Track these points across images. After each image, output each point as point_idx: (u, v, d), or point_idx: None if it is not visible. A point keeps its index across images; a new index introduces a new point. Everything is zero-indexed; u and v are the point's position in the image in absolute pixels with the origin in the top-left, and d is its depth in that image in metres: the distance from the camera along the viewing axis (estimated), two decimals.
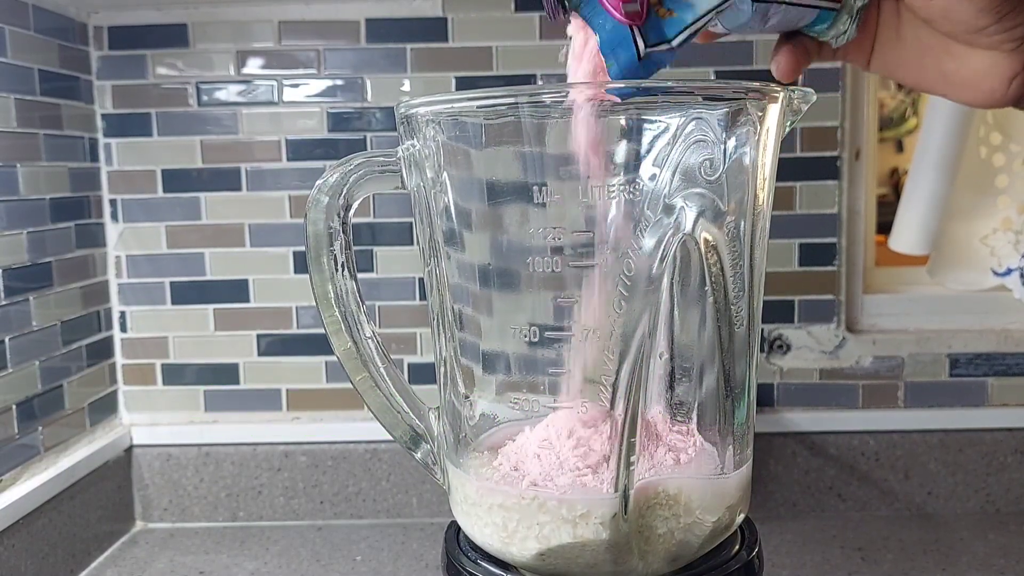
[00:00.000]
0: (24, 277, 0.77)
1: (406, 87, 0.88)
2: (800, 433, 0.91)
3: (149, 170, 0.89)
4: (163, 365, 0.92)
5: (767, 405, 0.91)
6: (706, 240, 0.40)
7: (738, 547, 0.46)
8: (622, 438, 0.40)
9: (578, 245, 0.40)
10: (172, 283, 0.91)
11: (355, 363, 0.46)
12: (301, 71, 0.88)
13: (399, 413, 0.47)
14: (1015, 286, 0.90)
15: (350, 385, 0.46)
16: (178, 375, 0.92)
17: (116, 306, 0.91)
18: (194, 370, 0.92)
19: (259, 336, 0.92)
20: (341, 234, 0.44)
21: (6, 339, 0.74)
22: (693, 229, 0.40)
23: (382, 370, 0.46)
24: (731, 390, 0.43)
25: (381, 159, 0.44)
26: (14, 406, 0.75)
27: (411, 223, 0.88)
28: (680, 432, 0.44)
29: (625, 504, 0.40)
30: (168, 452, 0.91)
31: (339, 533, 0.89)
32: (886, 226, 0.94)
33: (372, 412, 0.47)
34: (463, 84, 0.88)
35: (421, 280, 0.88)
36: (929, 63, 0.43)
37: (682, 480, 0.42)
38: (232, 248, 0.90)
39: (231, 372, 0.92)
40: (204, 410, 0.92)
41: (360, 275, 0.52)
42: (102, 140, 0.89)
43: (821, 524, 0.89)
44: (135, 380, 0.92)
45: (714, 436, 0.44)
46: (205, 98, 0.89)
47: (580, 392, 0.42)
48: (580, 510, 0.40)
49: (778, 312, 0.90)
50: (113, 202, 0.90)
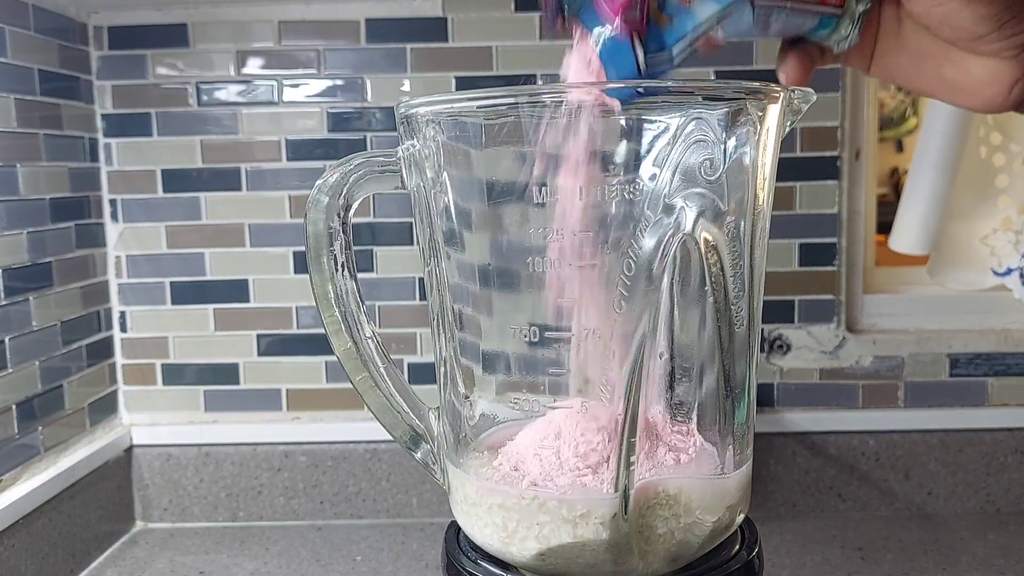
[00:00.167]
0: (24, 277, 0.77)
1: (406, 87, 0.88)
2: (800, 433, 0.91)
3: (149, 170, 0.89)
4: (163, 365, 0.92)
5: (767, 405, 0.91)
6: (706, 240, 0.40)
7: (738, 547, 0.46)
8: (622, 438, 0.40)
9: (578, 245, 0.40)
10: (172, 283, 0.91)
11: (355, 363, 0.46)
12: (301, 71, 0.88)
13: (399, 413, 0.47)
14: (1015, 286, 0.90)
15: (350, 385, 0.46)
16: (178, 375, 0.92)
17: (116, 306, 0.91)
18: (194, 370, 0.92)
19: (259, 336, 0.92)
20: (341, 234, 0.44)
21: (6, 339, 0.74)
22: (693, 229, 0.40)
23: (382, 370, 0.46)
24: (731, 390, 0.43)
25: (381, 159, 0.44)
26: (14, 406, 0.75)
27: (411, 223, 0.88)
28: (680, 432, 0.44)
29: (625, 504, 0.40)
30: (168, 452, 0.91)
31: (339, 533, 0.89)
32: (886, 226, 0.94)
33: (372, 412, 0.47)
34: (463, 84, 0.88)
35: (421, 280, 0.88)
36: (930, 69, 0.43)
37: (682, 480, 0.42)
38: (232, 248, 0.90)
39: (231, 372, 0.92)
40: (204, 410, 0.93)
41: (360, 275, 0.52)
42: (102, 140, 0.89)
43: (821, 524, 0.89)
44: (135, 380, 0.92)
45: (714, 436, 0.44)
46: (205, 98, 0.89)
47: (580, 392, 0.42)
48: (580, 510, 0.40)
49: (778, 312, 0.90)
50: (113, 202, 0.90)
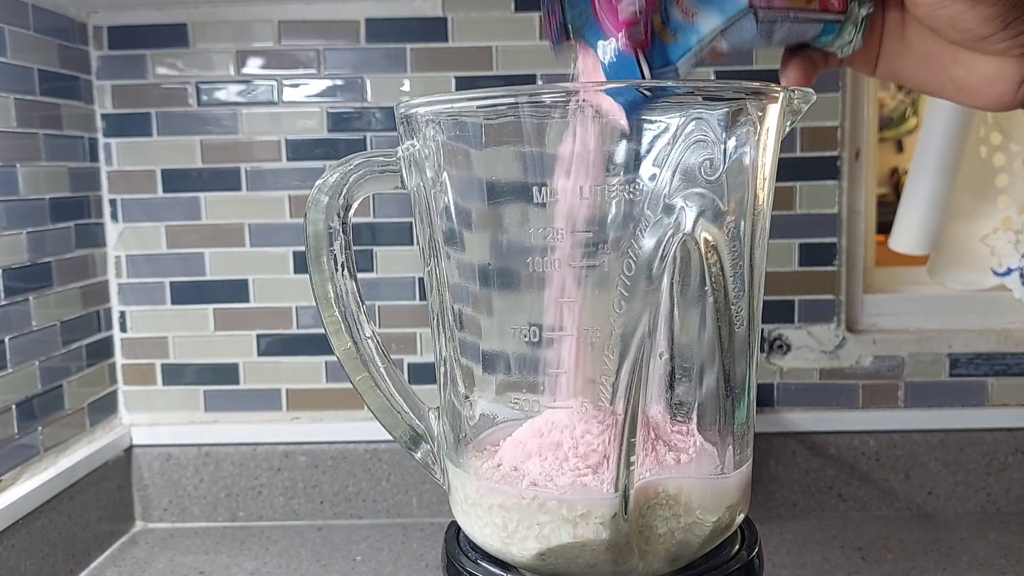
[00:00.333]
0: (24, 277, 0.77)
1: (406, 87, 0.88)
2: (800, 433, 0.90)
3: (149, 170, 0.89)
4: (163, 365, 0.92)
5: (767, 405, 0.91)
6: (706, 240, 0.40)
7: (738, 547, 0.46)
8: (622, 438, 0.40)
9: (578, 245, 0.40)
10: (172, 283, 0.91)
11: (355, 363, 0.46)
12: (301, 71, 0.88)
13: (399, 413, 0.47)
14: (1015, 286, 0.90)
15: (350, 385, 0.46)
16: (178, 375, 0.92)
17: (116, 306, 0.91)
18: (194, 370, 0.92)
19: (259, 336, 0.92)
20: (341, 234, 0.44)
21: (6, 339, 0.74)
22: (693, 229, 0.40)
23: (382, 370, 0.46)
24: (731, 390, 0.43)
25: (381, 159, 0.44)
26: (14, 406, 0.75)
27: (411, 223, 0.88)
28: (680, 432, 0.44)
29: (625, 504, 0.40)
30: (168, 452, 0.91)
31: (339, 533, 0.89)
32: (886, 226, 0.94)
33: (372, 412, 0.47)
34: (463, 84, 0.88)
35: (421, 280, 0.88)
36: (936, 69, 0.43)
37: (682, 480, 0.42)
38: (232, 248, 0.90)
39: (231, 372, 0.92)
40: (204, 410, 0.92)
41: (360, 275, 0.52)
42: (102, 140, 0.89)
43: (821, 524, 0.89)
44: (135, 380, 0.92)
45: (714, 436, 0.44)
46: (205, 98, 0.89)
47: (580, 392, 0.42)
48: (580, 510, 0.40)
49: (778, 312, 0.90)
50: (113, 202, 0.90)
